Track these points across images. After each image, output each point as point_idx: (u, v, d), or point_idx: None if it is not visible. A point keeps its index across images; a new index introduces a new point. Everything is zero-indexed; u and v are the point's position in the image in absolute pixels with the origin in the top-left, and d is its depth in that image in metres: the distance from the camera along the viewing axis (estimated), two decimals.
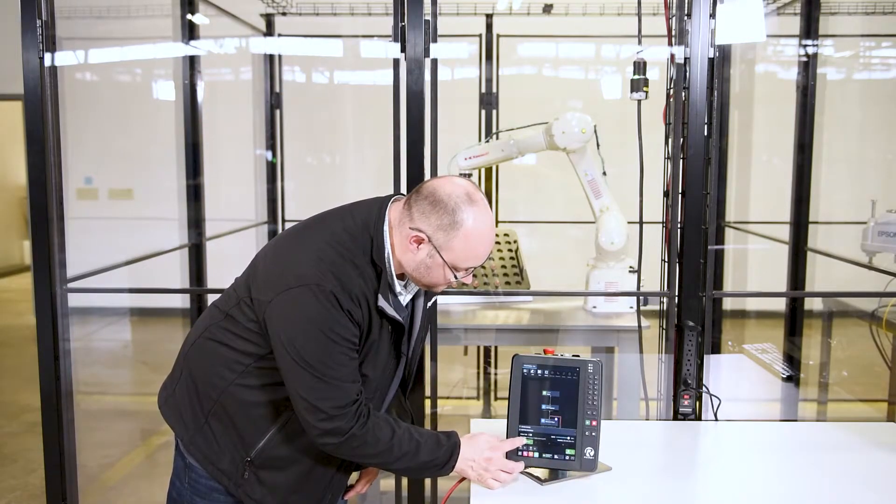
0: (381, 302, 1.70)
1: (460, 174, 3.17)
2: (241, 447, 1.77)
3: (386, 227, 1.73)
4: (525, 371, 1.85)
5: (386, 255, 1.72)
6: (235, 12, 4.38)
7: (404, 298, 1.82)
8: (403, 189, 2.49)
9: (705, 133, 2.39)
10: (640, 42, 2.72)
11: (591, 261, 3.21)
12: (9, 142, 9.70)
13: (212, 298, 3.17)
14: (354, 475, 2.06)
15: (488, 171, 4.48)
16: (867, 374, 4.10)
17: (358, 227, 1.73)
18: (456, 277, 1.75)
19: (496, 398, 4.73)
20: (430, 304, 1.94)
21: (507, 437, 1.84)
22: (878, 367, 3.47)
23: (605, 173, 3.14)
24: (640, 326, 2.87)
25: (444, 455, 1.74)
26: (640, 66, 2.69)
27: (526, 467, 1.84)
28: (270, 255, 1.77)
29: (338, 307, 1.63)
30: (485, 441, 1.78)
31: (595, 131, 3.06)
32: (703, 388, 2.41)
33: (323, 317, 1.63)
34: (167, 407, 1.88)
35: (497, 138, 3.30)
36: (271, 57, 4.68)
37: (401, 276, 1.80)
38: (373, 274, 1.71)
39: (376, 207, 1.76)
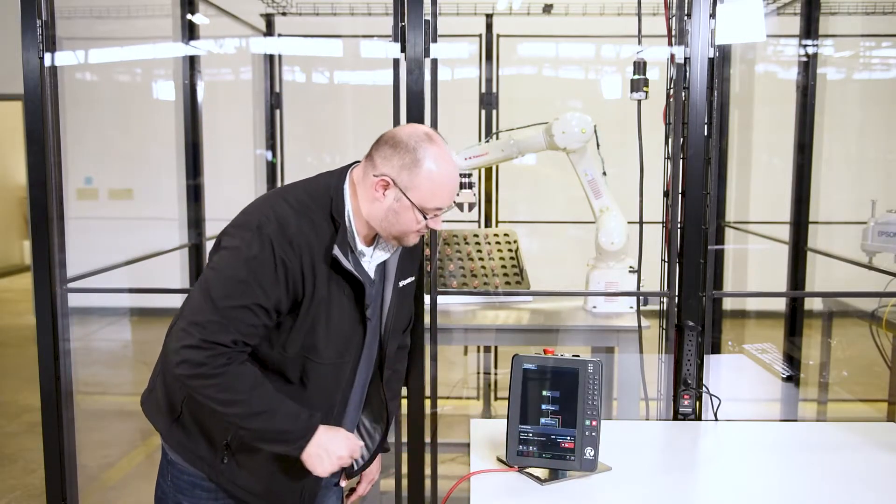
0: (336, 251, 1.67)
1: (460, 175, 3.17)
2: (218, 431, 1.76)
3: (347, 187, 1.75)
4: (525, 371, 1.85)
5: (346, 211, 1.73)
6: (235, 12, 4.38)
7: (369, 263, 1.81)
8: None
9: (705, 133, 2.39)
10: (640, 42, 2.72)
11: (591, 261, 3.21)
12: (9, 142, 9.70)
13: None
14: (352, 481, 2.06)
15: (488, 171, 4.48)
16: (867, 374, 4.10)
17: (319, 188, 1.75)
18: (426, 218, 1.73)
19: (496, 398, 4.73)
20: (406, 282, 1.90)
21: (507, 438, 1.84)
22: (878, 367, 3.47)
23: (605, 173, 3.14)
24: (640, 326, 2.87)
25: (301, 430, 1.69)
26: (640, 66, 2.69)
27: (525, 467, 1.84)
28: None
29: (270, 252, 1.63)
30: (343, 439, 1.75)
31: (595, 131, 3.06)
32: (703, 388, 2.41)
33: (251, 255, 1.63)
34: (148, 404, 1.88)
35: (497, 138, 3.30)
36: (271, 57, 4.68)
37: (369, 243, 1.80)
38: (330, 230, 1.70)
39: (338, 171, 1.79)
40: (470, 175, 3.20)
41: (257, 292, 1.62)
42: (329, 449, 1.71)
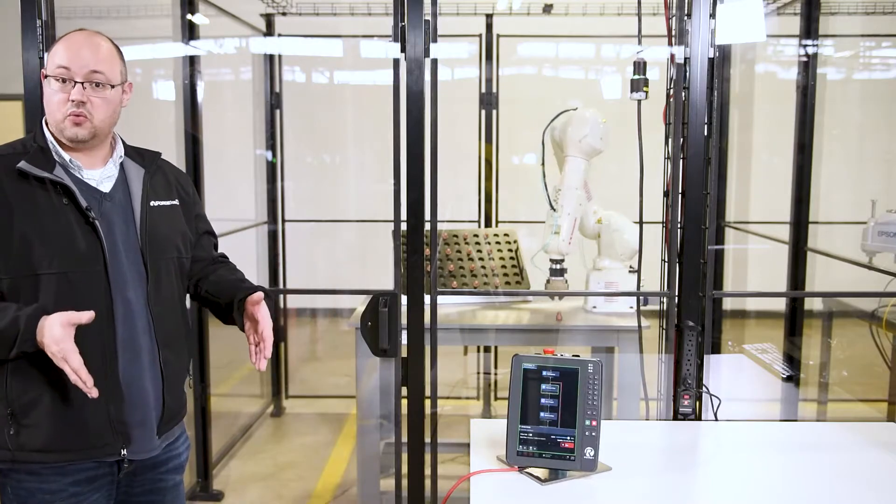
0: (23, 164, 1.72)
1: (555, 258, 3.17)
2: None
3: (45, 128, 1.83)
4: (525, 371, 1.85)
5: (48, 140, 1.80)
6: (235, 12, 4.38)
7: (101, 176, 1.82)
8: (403, 189, 2.49)
9: (705, 133, 2.40)
10: (640, 42, 2.72)
11: (591, 260, 3.21)
12: None
13: None
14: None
15: (488, 171, 4.49)
16: (867, 374, 4.10)
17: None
18: (63, 83, 1.76)
19: (496, 398, 4.73)
20: (162, 203, 1.89)
21: (507, 438, 1.84)
22: (878, 367, 3.47)
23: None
24: (640, 326, 2.87)
25: (22, 325, 1.63)
26: (640, 66, 2.69)
27: (525, 467, 1.84)
28: None
29: None
30: (48, 322, 1.65)
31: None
32: (703, 388, 2.41)
33: None
34: None
35: (554, 205, 3.19)
36: (271, 57, 4.68)
37: (102, 163, 1.84)
38: (33, 149, 1.78)
39: None
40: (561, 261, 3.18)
41: None
42: (47, 334, 1.62)
